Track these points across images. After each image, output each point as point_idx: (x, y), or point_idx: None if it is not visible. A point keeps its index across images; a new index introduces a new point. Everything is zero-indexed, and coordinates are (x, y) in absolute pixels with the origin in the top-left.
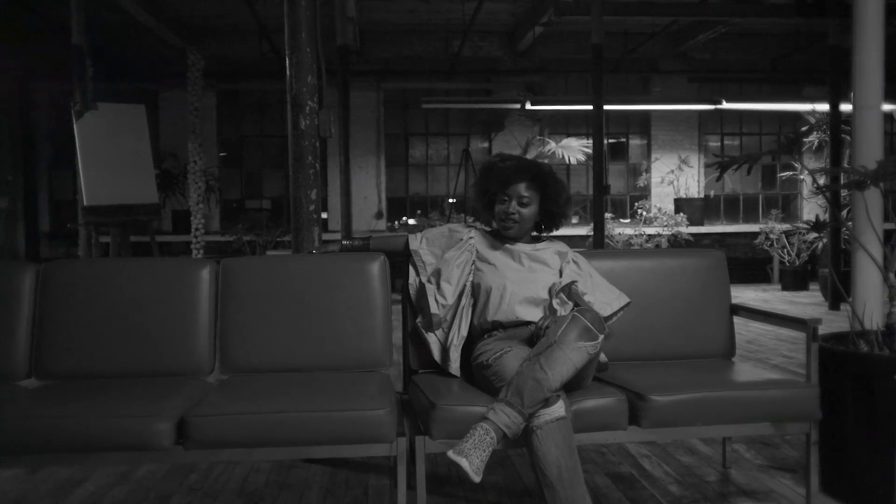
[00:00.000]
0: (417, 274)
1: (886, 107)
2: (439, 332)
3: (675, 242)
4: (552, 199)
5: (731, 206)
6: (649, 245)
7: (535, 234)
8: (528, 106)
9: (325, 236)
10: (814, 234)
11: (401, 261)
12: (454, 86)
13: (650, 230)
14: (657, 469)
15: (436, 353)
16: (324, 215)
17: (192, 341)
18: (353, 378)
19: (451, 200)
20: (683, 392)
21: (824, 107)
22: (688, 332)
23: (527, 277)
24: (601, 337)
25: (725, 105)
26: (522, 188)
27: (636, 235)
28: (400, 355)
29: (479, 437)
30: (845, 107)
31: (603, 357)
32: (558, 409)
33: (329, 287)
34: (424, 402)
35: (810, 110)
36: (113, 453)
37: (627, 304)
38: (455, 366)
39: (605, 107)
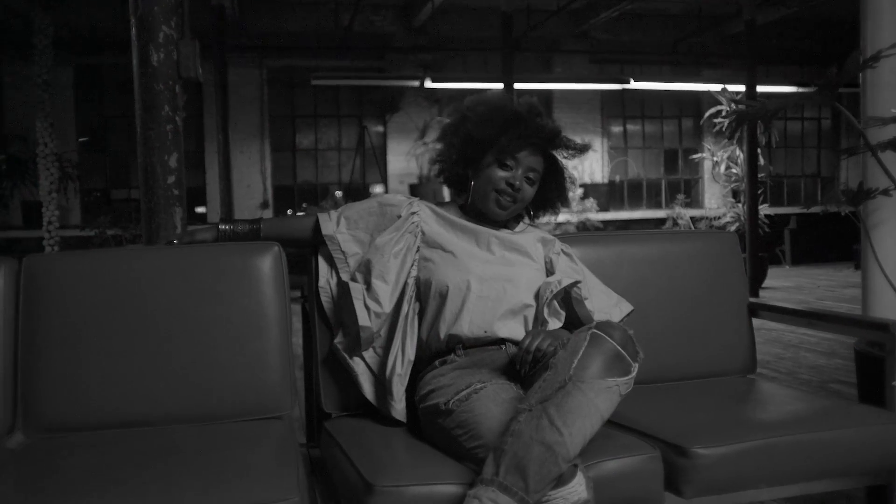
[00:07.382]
0: (334, 270)
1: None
2: (370, 356)
3: (584, 230)
4: (557, 185)
5: (634, 192)
6: (557, 233)
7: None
8: (428, 84)
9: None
10: (726, 220)
11: (305, 252)
12: (345, 63)
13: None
14: None
15: (366, 389)
16: (202, 209)
17: None
18: (238, 434)
19: (337, 193)
20: (739, 439)
21: (738, 87)
22: (700, 343)
23: (500, 273)
24: (635, 367)
25: (634, 84)
26: (535, 161)
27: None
28: (303, 390)
29: None
30: (761, 88)
31: None
32: (577, 487)
33: (198, 294)
34: (353, 480)
35: (721, 90)
36: None
37: (630, 314)
38: (399, 406)
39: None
